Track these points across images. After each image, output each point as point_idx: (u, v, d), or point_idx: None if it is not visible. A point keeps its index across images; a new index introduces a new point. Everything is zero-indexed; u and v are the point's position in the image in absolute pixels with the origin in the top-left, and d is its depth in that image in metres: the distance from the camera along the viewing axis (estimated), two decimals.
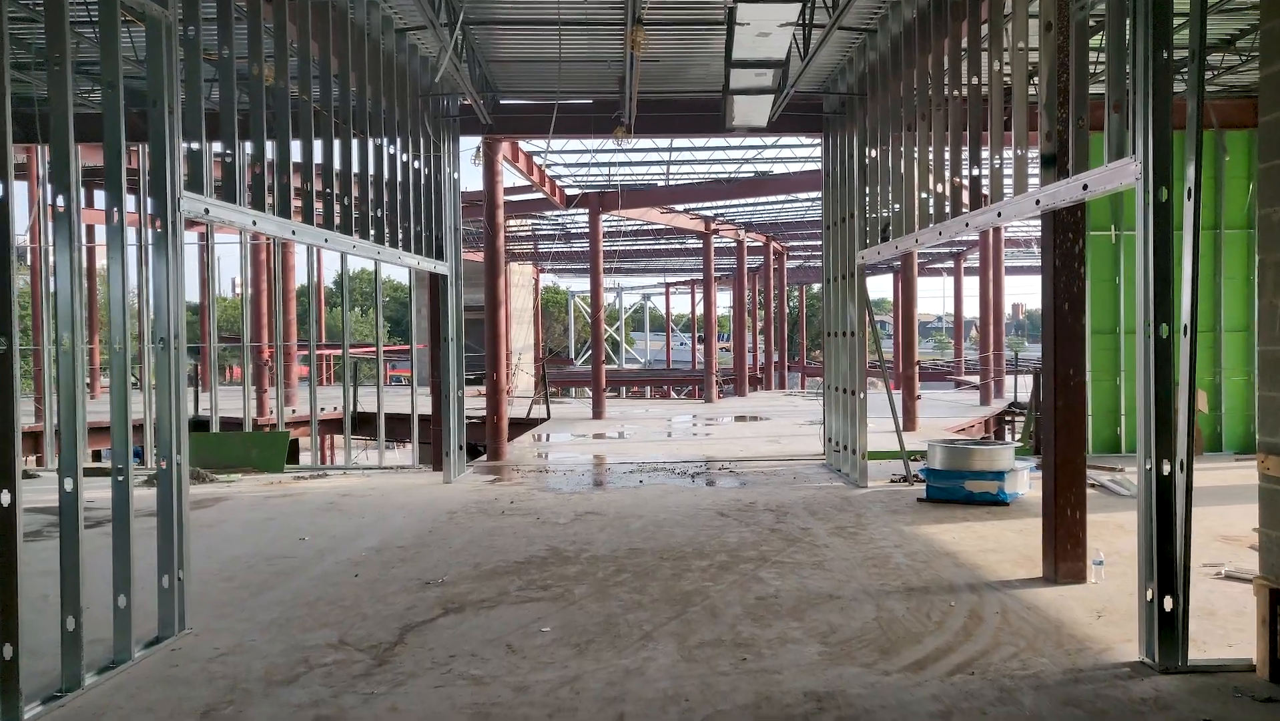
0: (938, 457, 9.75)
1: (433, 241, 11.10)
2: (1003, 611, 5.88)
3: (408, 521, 9.14)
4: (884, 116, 9.81)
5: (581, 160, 17.50)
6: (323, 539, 8.36)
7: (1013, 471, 9.52)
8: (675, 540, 8.08)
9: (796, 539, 8.09)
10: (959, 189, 7.72)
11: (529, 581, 6.78)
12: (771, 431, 17.49)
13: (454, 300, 11.62)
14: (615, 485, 11.29)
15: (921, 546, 7.75)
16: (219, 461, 12.57)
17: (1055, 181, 5.92)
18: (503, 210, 13.48)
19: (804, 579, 6.75)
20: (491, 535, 8.42)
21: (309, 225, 7.56)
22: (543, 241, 30.94)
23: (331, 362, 32.60)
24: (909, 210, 9.01)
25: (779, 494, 10.39)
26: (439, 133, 11.49)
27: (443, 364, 11.57)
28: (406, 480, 12.02)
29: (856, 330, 11.05)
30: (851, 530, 8.42)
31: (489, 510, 9.64)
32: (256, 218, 6.50)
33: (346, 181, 8.61)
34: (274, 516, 9.50)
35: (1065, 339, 6.52)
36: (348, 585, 6.75)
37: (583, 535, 8.35)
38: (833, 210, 12.14)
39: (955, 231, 7.59)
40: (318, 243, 7.73)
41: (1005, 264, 34.82)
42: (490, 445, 13.38)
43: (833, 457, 12.22)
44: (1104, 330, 13.01)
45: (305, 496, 10.77)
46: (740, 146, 16.58)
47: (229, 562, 7.48)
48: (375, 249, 9.05)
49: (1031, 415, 13.61)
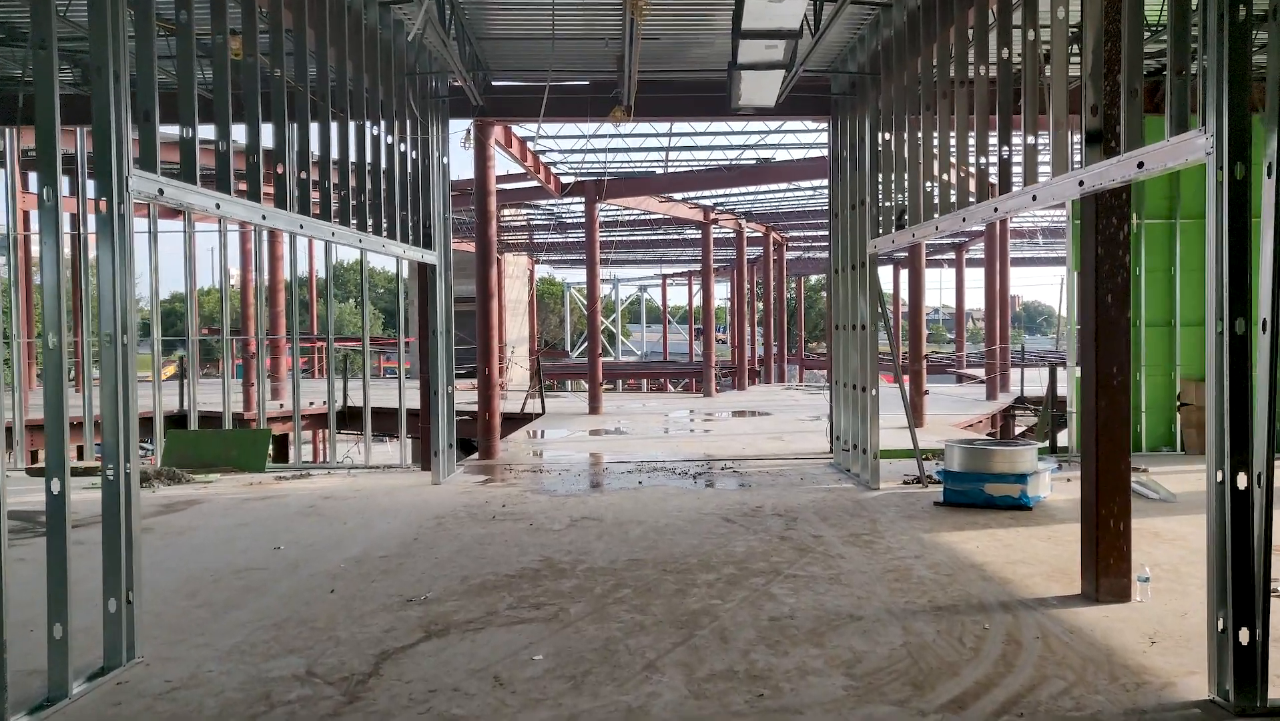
0: (955, 459, 9.18)
1: (420, 229, 10.50)
2: (1043, 635, 5.32)
3: (392, 527, 8.56)
4: (900, 96, 9.22)
5: (577, 146, 16.88)
6: (299, 547, 7.78)
7: (1035, 474, 8.97)
8: (678, 550, 7.51)
9: (809, 548, 7.52)
10: (985, 172, 7.14)
11: (520, 598, 6.21)
12: (774, 427, 16.92)
13: (443, 291, 11.03)
14: (613, 486, 10.72)
15: (944, 557, 7.19)
16: (197, 461, 11.98)
17: (1101, 160, 5.34)
18: (495, 197, 12.87)
19: (820, 595, 6.19)
20: (481, 543, 7.84)
21: (282, 210, 6.96)
22: (538, 232, 30.32)
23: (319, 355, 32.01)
24: (927, 195, 8.43)
25: (786, 496, 9.82)
26: (427, 115, 10.87)
27: (431, 358, 10.98)
28: (393, 480, 11.44)
29: (868, 323, 10.48)
30: (867, 538, 7.86)
31: (479, 515, 9.06)
32: (220, 200, 5.89)
33: (325, 164, 8.01)
34: (249, 522, 8.91)
35: (1108, 334, 5.96)
36: (321, 603, 6.17)
37: (579, 543, 7.78)
38: (841, 197, 11.55)
39: (982, 217, 7.01)
40: (291, 229, 7.12)
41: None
42: (482, 443, 12.80)
43: (841, 457, 11.66)
44: None
45: (285, 499, 10.18)
46: (742, 131, 15.98)
47: (194, 576, 6.89)
48: (356, 236, 8.45)
49: (1047, 412, 13.05)
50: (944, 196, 8.03)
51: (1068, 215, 12.58)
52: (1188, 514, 8.57)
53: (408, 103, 10.15)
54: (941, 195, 8.04)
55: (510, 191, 21.06)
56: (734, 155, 17.81)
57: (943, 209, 8.00)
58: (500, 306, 33.93)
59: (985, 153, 7.14)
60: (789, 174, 17.99)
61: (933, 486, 10.23)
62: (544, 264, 43.83)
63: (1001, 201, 6.60)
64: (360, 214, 8.71)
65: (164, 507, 9.66)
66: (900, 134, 9.28)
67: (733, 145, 17.07)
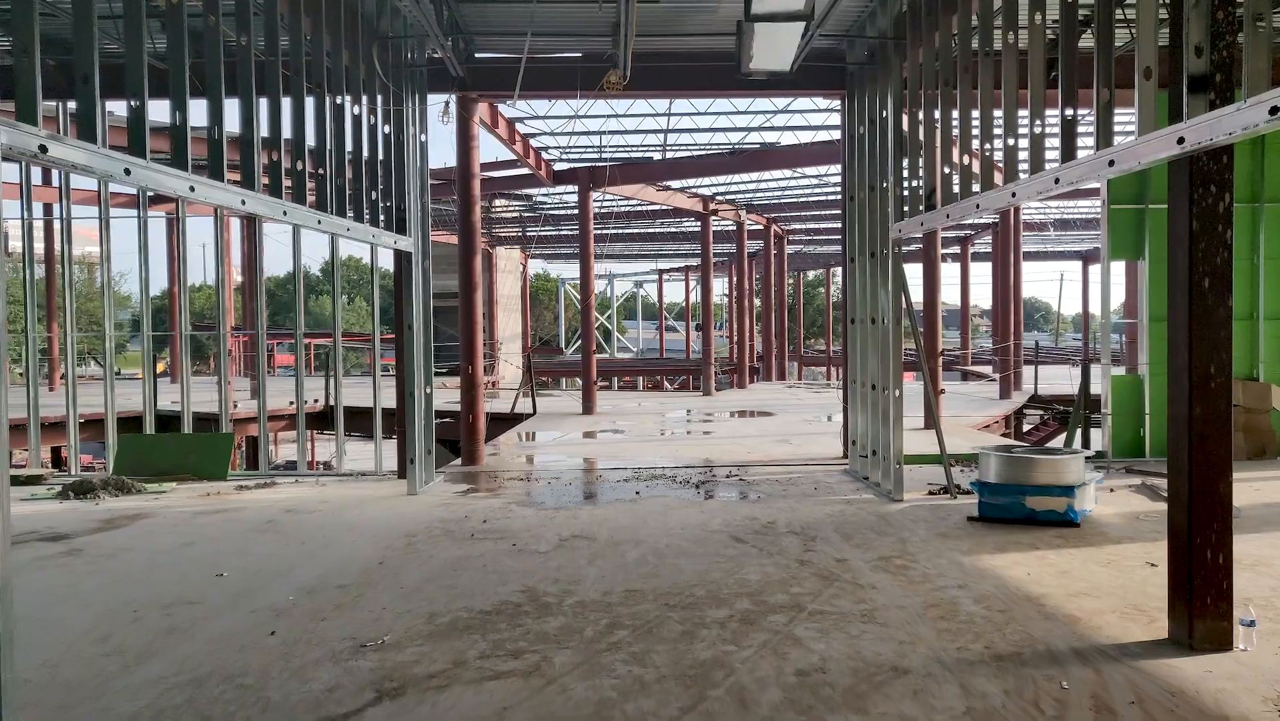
0: (992, 468, 8.17)
1: (393, 213, 9.45)
2: (1139, 699, 4.30)
3: (356, 548, 7.53)
4: (931, 61, 8.19)
5: (570, 129, 15.82)
6: (246, 574, 6.74)
7: (1082, 486, 7.96)
8: (683, 578, 6.49)
9: (833, 575, 6.50)
10: (1040, 138, 6.11)
11: (496, 643, 5.18)
12: (779, 429, 15.91)
13: (420, 281, 9.99)
14: (607, 497, 9.70)
15: (992, 587, 6.17)
16: (152, 468, 10.93)
17: (1208, 111, 4.33)
18: (478, 181, 11.82)
19: (854, 639, 5.17)
20: (456, 569, 6.81)
21: (217, 182, 5.91)
22: (530, 225, 29.26)
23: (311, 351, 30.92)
24: (964, 170, 7.41)
25: (801, 510, 8.81)
26: (402, 87, 9.82)
27: (407, 355, 9.94)
28: (366, 490, 10.40)
29: (889, 316, 9.46)
30: (899, 562, 6.84)
31: (456, 532, 8.03)
32: (131, 165, 4.85)
33: (275, 134, 6.96)
34: (196, 540, 7.87)
35: (1205, 325, 4.96)
36: (257, 649, 5.14)
37: (568, 569, 6.76)
38: (857, 179, 10.52)
39: (1038, 190, 5.98)
40: (230, 205, 6.08)
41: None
42: (465, 447, 11.76)
43: (858, 463, 10.64)
44: (1162, 317, 11.43)
45: (243, 512, 9.14)
46: (747, 111, 14.93)
47: (114, 612, 5.85)
48: (314, 216, 7.40)
49: (1078, 413, 12.05)
50: (986, 171, 7.00)
51: (1103, 199, 11.56)
52: (1262, 532, 7.58)
53: (377, 72, 9.10)
54: (983, 169, 7.01)
55: (499, 180, 20.01)
56: (738, 139, 16.76)
57: (984, 184, 6.98)
58: (492, 301, 32.87)
59: (1040, 116, 6.12)
60: (796, 158, 16.95)
61: (962, 497, 9.24)
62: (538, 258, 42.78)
63: (1066, 170, 5.57)
64: (320, 192, 7.66)
65: (104, 523, 8.62)
66: (930, 106, 8.26)
67: (736, 127, 16.03)
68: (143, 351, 11.54)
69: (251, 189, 6.32)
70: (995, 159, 6.89)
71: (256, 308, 11.46)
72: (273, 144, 6.83)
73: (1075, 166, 5.45)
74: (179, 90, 5.73)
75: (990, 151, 6.93)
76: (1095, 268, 42.21)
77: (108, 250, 11.43)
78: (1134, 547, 7.15)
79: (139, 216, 11.59)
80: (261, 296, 11.48)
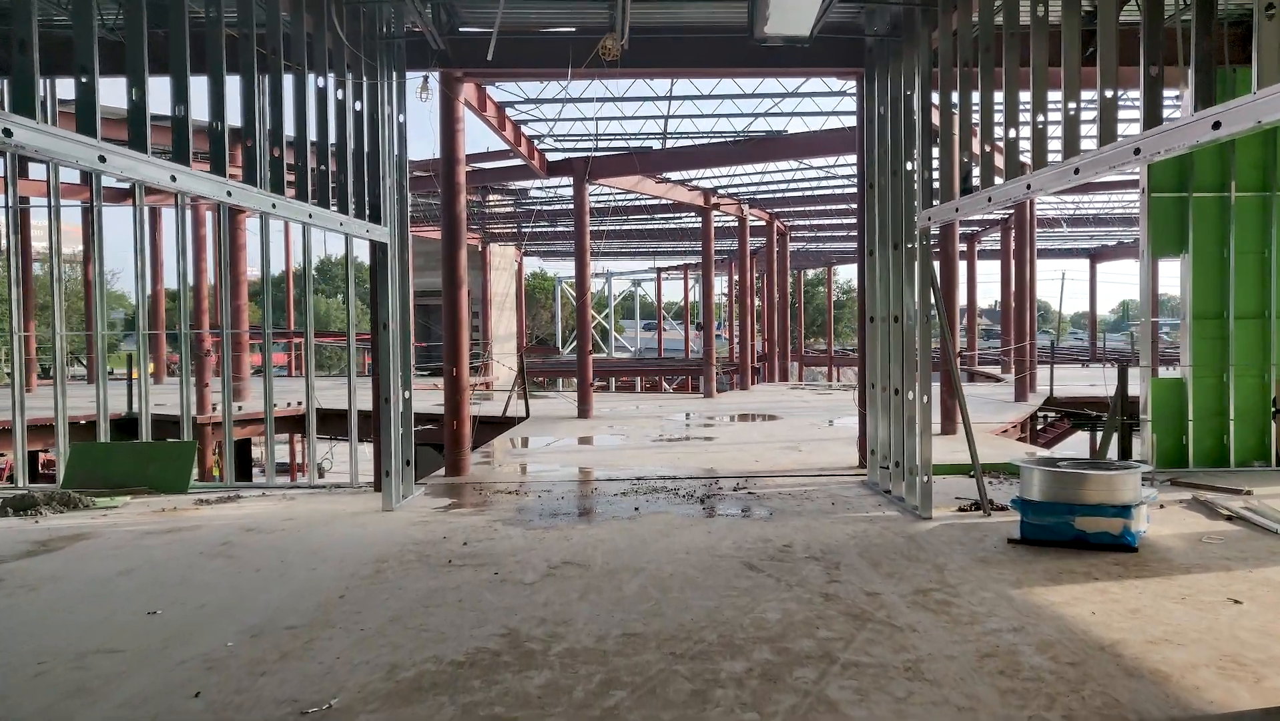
0: (1036, 484, 7.26)
1: (365, 199, 8.53)
2: None
3: (316, 576, 6.60)
4: (968, 27, 7.28)
5: (565, 114, 14.88)
6: (184, 611, 5.82)
7: (1139, 505, 7.04)
8: (690, 616, 5.57)
9: (865, 614, 5.59)
10: (1112, 104, 5.20)
11: (466, 709, 4.26)
12: (787, 435, 14.99)
13: (395, 276, 9.07)
14: (604, 513, 8.78)
15: (1054, 630, 5.26)
16: (106, 480, 10.00)
17: None
18: (464, 167, 10.90)
19: (901, 704, 4.26)
20: (427, 605, 5.89)
21: (140, 153, 4.98)
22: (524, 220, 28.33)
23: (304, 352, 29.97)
24: (1010, 146, 6.49)
25: (819, 530, 7.89)
26: (377, 60, 8.89)
27: (382, 357, 9.01)
28: (337, 505, 9.48)
29: (916, 313, 8.55)
30: (939, 597, 5.93)
31: (432, 557, 7.11)
32: (12, 124, 3.93)
33: (217, 100, 6.03)
34: (136, 567, 6.95)
35: None
36: (174, 718, 4.22)
37: (557, 605, 5.84)
38: (877, 164, 9.61)
39: (1109, 165, 5.06)
40: (158, 181, 5.15)
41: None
42: (449, 457, 10.83)
43: (878, 475, 9.73)
44: (1207, 315, 10.55)
45: (197, 531, 8.21)
46: (754, 94, 13.99)
47: (12, 666, 4.92)
48: (268, 200, 6.48)
49: (1114, 419, 11.14)
50: (1037, 146, 6.09)
51: (1143, 186, 10.65)
52: None
53: (344, 42, 8.16)
54: (1034, 145, 6.10)
55: (490, 172, 19.09)
56: (743, 125, 15.83)
57: (1036, 162, 6.06)
58: (485, 300, 31.95)
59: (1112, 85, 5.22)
60: (805, 146, 16.01)
61: (997, 515, 8.34)
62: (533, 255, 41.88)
63: (1149, 139, 4.66)
64: (277, 173, 6.74)
65: (37, 546, 7.69)
66: (967, 79, 7.35)
67: (742, 112, 15.12)
68: (97, 351, 10.61)
69: (184, 164, 5.38)
70: (1045, 133, 5.98)
71: (222, 305, 10.52)
72: (216, 114, 5.90)
73: (1165, 134, 4.53)
74: (84, 51, 4.81)
75: (1043, 123, 6.02)
76: (1104, 266, 41.36)
77: (57, 243, 10.49)
78: (1208, 579, 6.24)
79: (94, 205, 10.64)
80: (225, 291, 10.55)
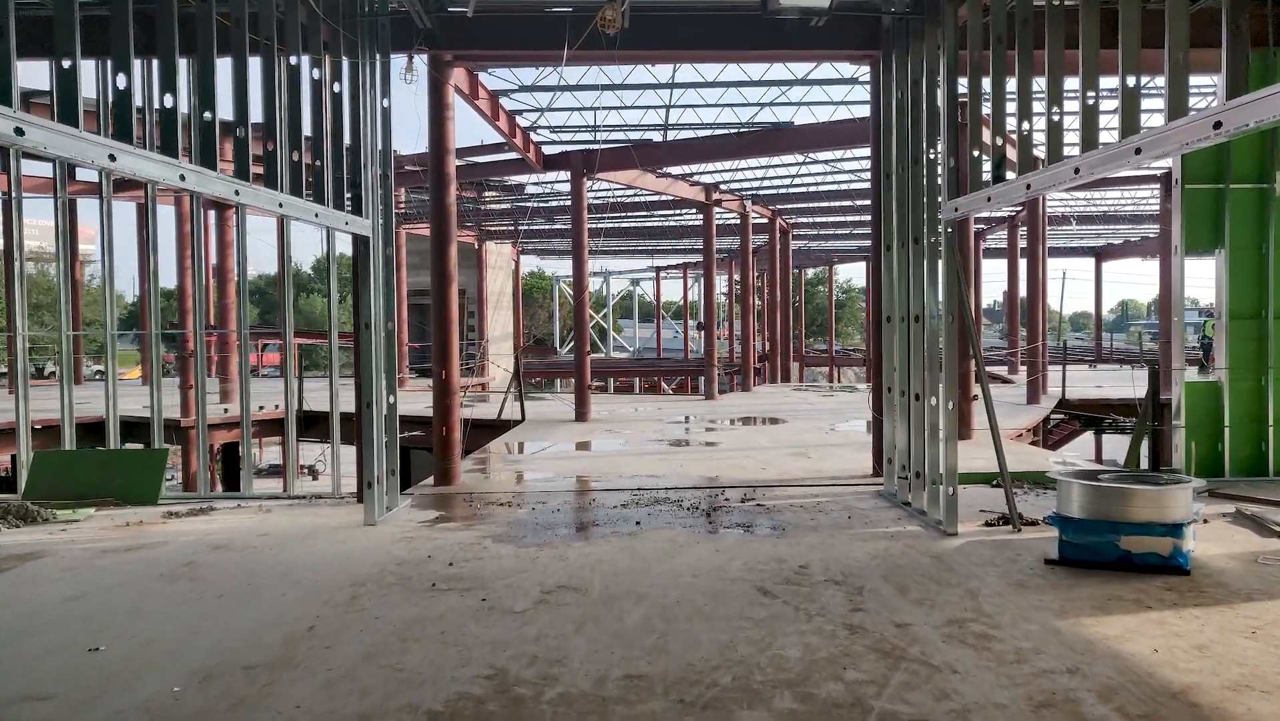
0: (1076, 499, 6.62)
1: (344, 188, 7.89)
2: None
3: (286, 604, 5.96)
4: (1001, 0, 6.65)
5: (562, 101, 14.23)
6: (130, 647, 5.18)
7: (1190, 523, 6.42)
8: (700, 654, 4.94)
9: (897, 650, 4.95)
10: (1181, 76, 4.57)
11: None
12: (793, 439, 14.36)
13: (380, 272, 8.43)
14: (603, 529, 8.15)
15: (1113, 671, 4.63)
16: (71, 490, 9.35)
17: None
18: (453, 157, 10.25)
19: None
20: (405, 639, 5.25)
21: (66, 126, 4.33)
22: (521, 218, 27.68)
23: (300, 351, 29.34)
24: (1052, 128, 5.86)
25: (837, 548, 7.26)
26: (359, 39, 8.25)
27: (364, 359, 8.38)
28: (317, 518, 8.84)
29: (941, 313, 7.93)
30: (977, 629, 5.29)
31: (414, 580, 6.47)
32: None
33: (170, 75, 5.39)
34: (85, 593, 6.30)
35: None
36: None
37: (550, 638, 5.20)
38: (896, 153, 8.98)
39: (1183, 141, 4.42)
40: (92, 160, 4.50)
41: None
42: (438, 465, 10.19)
43: (896, 485, 9.10)
44: (1244, 315, 9.93)
45: (162, 549, 7.57)
46: (760, 82, 13.34)
47: None
48: (230, 186, 5.83)
49: (1143, 427, 10.50)
50: (1087, 126, 5.46)
51: (1176, 178, 10.01)
52: None
53: (321, 17, 7.52)
54: (1084, 124, 5.47)
55: (485, 166, 18.45)
56: (747, 116, 15.19)
57: (1086, 143, 5.43)
58: (481, 299, 31.30)
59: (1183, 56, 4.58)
60: (812, 138, 15.35)
61: (1027, 530, 7.72)
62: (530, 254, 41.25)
63: (1232, 111, 4.02)
64: (241, 154, 6.09)
65: None
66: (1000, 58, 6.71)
67: (747, 102, 14.46)
68: (61, 352, 9.95)
69: (127, 142, 4.74)
70: (1097, 109, 5.34)
71: (195, 304, 9.88)
72: (167, 87, 5.26)
73: (1255, 102, 3.90)
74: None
75: (1094, 98, 5.38)
76: (1109, 265, 40.78)
77: (19, 237, 9.84)
78: (1277, 608, 5.61)
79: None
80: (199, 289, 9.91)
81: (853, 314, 74.82)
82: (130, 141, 4.79)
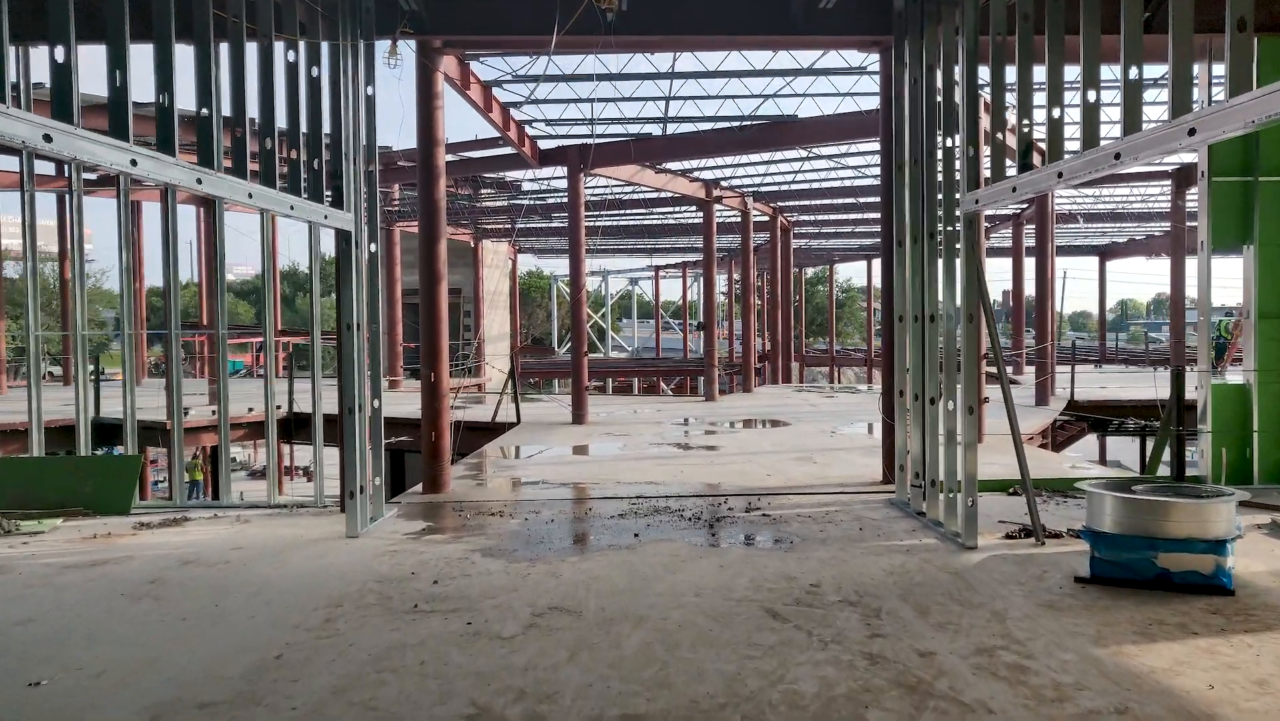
0: (1108, 513, 6.15)
1: (323, 180, 7.41)
2: None
3: (253, 627, 5.48)
4: None
5: (556, 94, 13.75)
6: (78, 679, 4.70)
7: (1234, 539, 5.94)
8: (705, 688, 4.46)
9: (923, 684, 4.47)
10: (1246, 45, 4.09)
11: None
12: (798, 443, 13.89)
13: (361, 268, 7.95)
14: (599, 541, 7.67)
15: (1163, 708, 4.15)
16: (39, 499, 8.87)
17: None
18: (443, 149, 9.77)
19: None
20: (381, 669, 4.77)
21: (25, 114, 3.85)
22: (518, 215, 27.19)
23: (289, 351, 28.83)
24: (1088, 110, 5.39)
25: (849, 563, 6.78)
26: (340, 21, 7.77)
27: (346, 361, 7.90)
28: (297, 529, 8.35)
29: (959, 312, 7.46)
30: (1008, 659, 4.82)
31: (395, 600, 6.00)
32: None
33: (120, 50, 4.90)
34: (39, 615, 5.82)
35: None
36: None
37: (540, 669, 4.73)
38: (908, 145, 8.51)
39: (1251, 117, 3.95)
40: (28, 143, 4.02)
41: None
42: (426, 472, 9.71)
43: (909, 494, 8.63)
44: (1275, 314, 9.46)
45: (127, 565, 7.08)
46: (763, 72, 12.87)
47: None
48: (192, 175, 5.35)
49: (1166, 432, 10.02)
50: (1130, 107, 4.99)
51: (1202, 170, 9.53)
52: None
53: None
54: (1125, 106, 5.00)
55: (479, 161, 17.97)
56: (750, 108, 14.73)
57: (1128, 126, 4.95)
58: (477, 298, 30.82)
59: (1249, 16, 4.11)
60: (817, 131, 14.87)
61: (1051, 542, 7.25)
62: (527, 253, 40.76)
63: None
64: (206, 140, 5.61)
65: None
66: (1027, 43, 6.24)
67: (750, 93, 13.98)
68: (29, 353, 9.47)
69: (69, 122, 4.25)
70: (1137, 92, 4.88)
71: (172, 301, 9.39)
72: (116, 63, 4.78)
73: None
74: None
75: (1138, 77, 4.91)
76: (1114, 264, 40.33)
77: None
78: None
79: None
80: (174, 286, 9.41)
81: (852, 313, 74.33)
82: (71, 121, 4.31)
